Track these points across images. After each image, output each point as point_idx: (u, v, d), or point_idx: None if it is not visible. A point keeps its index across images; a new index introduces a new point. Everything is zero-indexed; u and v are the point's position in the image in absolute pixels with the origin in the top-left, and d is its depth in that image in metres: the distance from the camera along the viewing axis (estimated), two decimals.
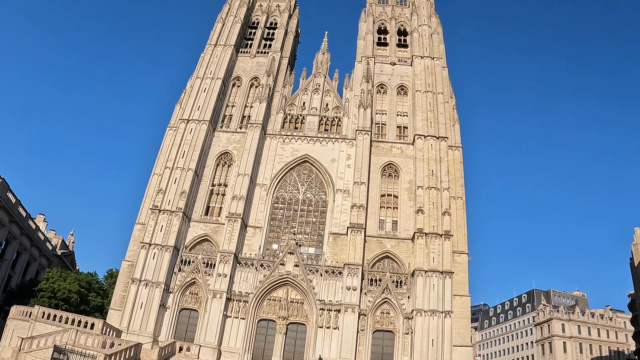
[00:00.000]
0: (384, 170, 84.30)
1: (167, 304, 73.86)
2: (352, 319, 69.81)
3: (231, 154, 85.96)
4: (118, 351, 54.20)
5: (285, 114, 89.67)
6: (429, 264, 72.85)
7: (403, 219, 79.92)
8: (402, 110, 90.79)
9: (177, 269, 75.98)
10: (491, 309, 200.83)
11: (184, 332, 73.52)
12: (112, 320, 73.21)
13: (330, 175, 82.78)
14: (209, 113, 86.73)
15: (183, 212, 77.84)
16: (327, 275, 73.56)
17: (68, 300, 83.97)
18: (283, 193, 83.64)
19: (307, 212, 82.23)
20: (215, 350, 68.58)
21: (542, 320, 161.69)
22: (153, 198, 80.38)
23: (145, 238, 76.27)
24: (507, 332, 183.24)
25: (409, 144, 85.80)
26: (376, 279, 74.33)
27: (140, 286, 72.88)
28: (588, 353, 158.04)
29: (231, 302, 72.77)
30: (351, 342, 68.53)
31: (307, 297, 72.66)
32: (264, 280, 73.40)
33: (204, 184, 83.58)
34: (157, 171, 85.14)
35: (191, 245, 79.05)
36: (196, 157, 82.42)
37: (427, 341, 68.29)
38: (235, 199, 78.24)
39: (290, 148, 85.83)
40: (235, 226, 76.11)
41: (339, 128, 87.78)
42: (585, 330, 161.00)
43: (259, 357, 71.06)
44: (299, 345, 71.76)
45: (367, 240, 76.86)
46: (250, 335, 71.81)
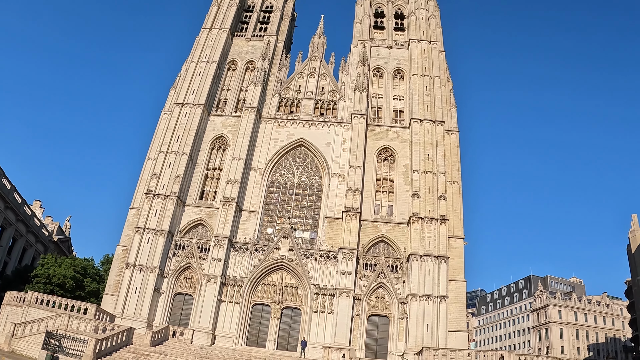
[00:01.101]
0: (380, 154, 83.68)
1: (162, 289, 73.43)
2: (347, 303, 69.41)
3: (226, 138, 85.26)
4: (110, 335, 53.97)
5: (281, 98, 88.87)
6: (424, 248, 72.38)
7: (399, 203, 79.42)
8: (398, 94, 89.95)
9: (172, 253, 75.45)
10: (488, 295, 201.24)
11: (179, 317, 73.11)
12: (107, 306, 72.88)
13: (325, 159, 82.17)
14: (204, 97, 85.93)
15: (177, 196, 77.24)
16: (322, 259, 73.08)
17: (63, 286, 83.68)
18: (278, 177, 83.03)
19: (302, 196, 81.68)
20: (209, 334, 68.21)
21: (538, 307, 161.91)
22: (147, 182, 79.69)
23: (140, 223, 75.70)
24: (504, 318, 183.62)
25: (405, 128, 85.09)
26: (371, 264, 73.86)
27: (134, 271, 72.38)
28: (584, 339, 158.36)
29: (225, 286, 72.34)
30: (346, 326, 68.14)
31: (302, 281, 72.21)
32: (258, 265, 72.90)
33: (198, 168, 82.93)
34: (152, 155, 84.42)
35: (185, 230, 78.54)
36: (191, 141, 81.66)
37: (422, 326, 67.93)
38: (230, 183, 77.60)
39: (285, 132, 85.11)
40: (229, 210, 75.53)
41: (335, 112, 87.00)
42: (582, 316, 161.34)
43: (253, 342, 70.64)
44: (293, 330, 71.36)
45: (363, 225, 76.30)
46: (244, 319, 71.42)
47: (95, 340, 50.39)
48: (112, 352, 53.15)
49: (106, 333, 54.82)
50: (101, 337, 52.14)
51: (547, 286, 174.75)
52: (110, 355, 52.27)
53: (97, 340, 50.74)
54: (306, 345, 63.75)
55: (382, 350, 70.19)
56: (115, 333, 55.11)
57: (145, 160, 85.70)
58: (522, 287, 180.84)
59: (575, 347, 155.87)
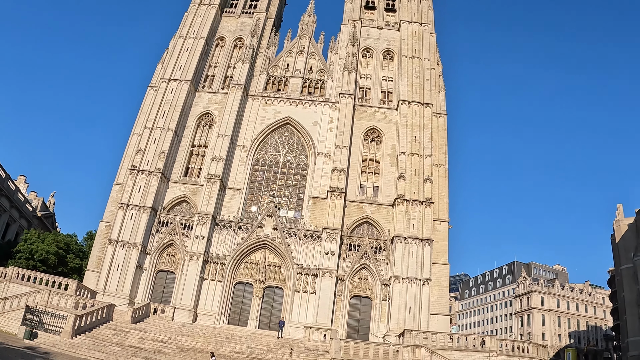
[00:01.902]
0: (367, 134, 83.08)
1: (144, 266, 73.00)
2: (330, 283, 69.22)
3: (212, 115, 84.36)
4: (90, 312, 53.71)
5: (269, 76, 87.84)
6: (408, 230, 72.11)
7: (384, 185, 79.01)
8: (387, 75, 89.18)
9: (155, 230, 74.86)
10: (472, 279, 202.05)
11: (161, 294, 72.82)
12: (89, 282, 72.54)
13: (311, 138, 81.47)
14: (191, 73, 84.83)
15: (162, 172, 76.49)
16: (305, 239, 72.70)
17: (46, 262, 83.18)
18: (263, 155, 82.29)
19: (287, 175, 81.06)
20: (191, 312, 67.88)
21: (521, 293, 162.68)
22: (132, 158, 78.89)
23: (123, 199, 74.99)
24: (487, 303, 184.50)
25: (393, 109, 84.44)
26: (355, 244, 73.59)
27: (117, 247, 71.83)
28: (566, 327, 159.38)
29: (208, 264, 71.96)
30: (328, 307, 68.01)
31: (285, 260, 71.85)
32: (241, 243, 72.47)
33: (183, 145, 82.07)
34: (137, 131, 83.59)
35: (169, 207, 77.88)
36: (176, 117, 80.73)
37: (404, 308, 67.87)
38: (215, 160, 76.91)
39: (272, 110, 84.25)
40: (214, 187, 74.91)
41: (323, 91, 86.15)
42: (564, 304, 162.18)
43: (235, 320, 70.42)
44: (275, 309, 71.18)
45: (347, 205, 75.95)
46: (226, 298, 71.19)
47: (75, 317, 50.06)
48: (92, 328, 52.91)
49: (86, 309, 54.54)
50: (80, 314, 51.89)
51: (530, 272, 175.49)
52: (89, 331, 51.98)
53: (77, 316, 50.44)
54: (284, 326, 63.23)
55: (363, 331, 70.14)
56: (95, 309, 54.80)
57: (130, 136, 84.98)
58: (505, 273, 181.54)
59: (556, 334, 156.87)
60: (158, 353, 48.98)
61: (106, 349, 47.98)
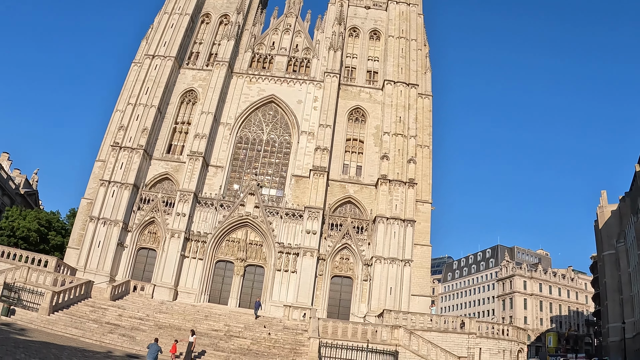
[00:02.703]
0: (351, 114, 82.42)
1: (125, 243, 72.39)
2: (311, 263, 68.99)
3: (196, 92, 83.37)
4: (67, 288, 53.41)
5: (254, 53, 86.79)
6: (391, 211, 71.84)
7: (368, 165, 78.56)
8: (373, 55, 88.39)
9: (137, 207, 74.17)
10: (455, 262, 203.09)
11: (142, 272, 72.37)
12: (70, 259, 72.20)
13: (295, 117, 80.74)
14: (175, 49, 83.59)
15: (144, 149, 75.63)
16: (287, 217, 72.28)
17: (27, 239, 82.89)
18: (247, 133, 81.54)
19: (270, 153, 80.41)
20: (171, 290, 67.51)
21: (504, 276, 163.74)
22: (114, 135, 77.83)
23: (105, 175, 74.09)
24: (470, 286, 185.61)
25: (378, 89, 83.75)
26: (337, 224, 73.23)
27: (98, 224, 71.10)
28: (548, 311, 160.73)
29: (189, 242, 71.49)
30: (309, 286, 67.84)
31: (267, 239, 71.49)
32: (223, 221, 71.97)
33: (167, 122, 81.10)
34: (120, 107, 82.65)
35: (152, 184, 77.15)
36: (160, 94, 79.64)
37: (385, 289, 67.79)
38: (198, 137, 76.15)
39: (256, 88, 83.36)
40: (196, 165, 74.24)
41: (308, 70, 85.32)
42: (547, 288, 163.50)
43: (215, 299, 70.15)
44: (256, 288, 70.94)
45: (330, 184, 75.56)
46: (207, 276, 70.83)
47: (52, 293, 49.74)
48: (70, 305, 52.58)
49: (64, 286, 54.19)
50: (58, 290, 51.67)
51: (513, 256, 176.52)
52: (67, 308, 51.68)
53: (54, 293, 50.14)
54: (260, 307, 62.48)
55: (344, 311, 70.11)
56: (72, 286, 54.50)
57: (113, 112, 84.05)
58: (489, 256, 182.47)
59: (538, 318, 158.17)
60: (135, 330, 48.66)
61: (83, 326, 47.66)
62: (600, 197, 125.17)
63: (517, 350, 60.93)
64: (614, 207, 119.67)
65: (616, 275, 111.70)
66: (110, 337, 45.91)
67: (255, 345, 48.78)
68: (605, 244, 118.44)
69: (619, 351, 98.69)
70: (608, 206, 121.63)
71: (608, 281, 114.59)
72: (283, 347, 48.99)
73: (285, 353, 47.51)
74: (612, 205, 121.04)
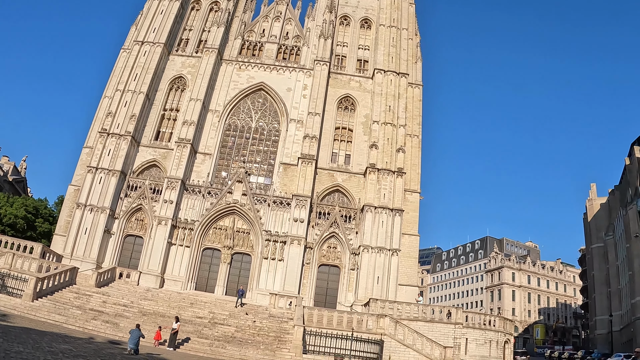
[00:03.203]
0: (341, 102, 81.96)
1: (112, 230, 71.94)
2: (298, 251, 68.80)
3: (185, 79, 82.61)
4: (52, 275, 52.88)
5: (244, 40, 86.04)
6: (379, 200, 71.63)
7: (356, 154, 78.18)
8: (364, 44, 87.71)
9: (124, 194, 73.67)
10: (444, 253, 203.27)
11: (129, 259, 72.01)
12: (57, 246, 71.81)
13: (285, 105, 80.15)
14: (165, 36, 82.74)
15: (132, 136, 75.00)
16: (275, 205, 71.98)
17: (14, 226, 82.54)
18: (236, 120, 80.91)
19: (258, 141, 79.82)
20: (158, 277, 67.22)
21: (493, 268, 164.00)
22: (102, 121, 77.21)
23: (92, 162, 73.58)
24: (459, 277, 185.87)
25: (369, 78, 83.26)
26: (325, 212, 72.95)
27: (85, 211, 70.62)
28: (536, 303, 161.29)
29: (176, 229, 71.10)
30: (295, 274, 67.71)
31: (254, 227, 71.14)
32: (210, 208, 71.59)
33: (155, 109, 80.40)
34: (108, 94, 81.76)
35: (139, 171, 76.56)
36: (148, 80, 78.89)
37: (372, 278, 67.77)
38: (186, 124, 75.57)
39: (246, 75, 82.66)
40: (184, 152, 73.73)
41: (298, 57, 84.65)
42: (535, 280, 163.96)
43: (202, 286, 69.88)
44: (243, 276, 70.66)
45: (318, 173, 75.26)
46: (194, 263, 70.58)
47: (36, 279, 49.28)
48: (54, 291, 52.11)
49: (49, 272, 53.69)
50: (42, 276, 51.16)
51: (502, 248, 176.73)
52: (51, 294, 51.17)
53: (38, 279, 49.65)
54: (243, 295, 61.83)
55: (331, 300, 69.97)
56: (57, 272, 54.01)
57: (102, 99, 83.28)
58: (478, 247, 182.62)
59: (526, 310, 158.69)
60: (119, 317, 48.25)
61: (66, 312, 47.24)
62: (590, 189, 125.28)
63: (504, 341, 60.88)
64: (603, 200, 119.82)
65: (604, 268, 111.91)
66: (93, 323, 45.52)
67: (240, 333, 48.48)
68: (594, 237, 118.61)
69: (606, 344, 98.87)
70: (597, 199, 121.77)
71: (596, 274, 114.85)
72: (267, 335, 48.70)
73: (270, 340, 47.22)
74: (601, 198, 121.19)
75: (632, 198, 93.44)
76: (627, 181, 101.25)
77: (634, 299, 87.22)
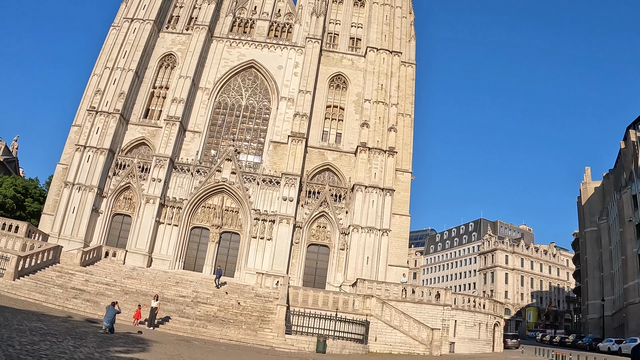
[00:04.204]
0: (332, 81, 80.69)
1: (100, 209, 71.07)
2: (287, 230, 67.99)
3: (175, 56, 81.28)
4: (34, 253, 52.10)
5: (235, 18, 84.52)
6: (370, 179, 70.72)
7: (348, 132, 77.09)
8: (357, 22, 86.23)
9: (112, 172, 72.69)
10: (438, 235, 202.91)
11: (117, 238, 71.29)
12: (44, 226, 71.21)
13: (275, 82, 78.84)
14: (155, 12, 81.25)
15: (121, 114, 73.89)
16: (264, 184, 71.07)
17: (3, 206, 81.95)
18: (226, 98, 79.60)
19: (249, 119, 78.58)
20: (145, 256, 66.51)
21: (486, 250, 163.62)
22: (91, 99, 76.15)
23: (81, 140, 72.58)
24: (452, 259, 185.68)
25: (361, 56, 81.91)
26: (315, 191, 72.04)
27: (73, 190, 69.79)
28: (529, 286, 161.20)
29: (165, 208, 70.27)
30: (284, 254, 66.96)
31: (243, 205, 70.28)
32: (199, 187, 70.65)
33: (144, 86, 79.12)
34: (97, 72, 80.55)
35: (128, 149, 75.52)
36: (138, 58, 77.60)
37: (362, 258, 67.02)
38: (175, 101, 74.44)
39: (236, 52, 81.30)
40: (173, 130, 72.63)
41: (290, 35, 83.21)
42: (528, 263, 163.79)
43: (190, 266, 69.22)
44: (231, 255, 70.03)
45: (309, 151, 74.21)
46: (182, 242, 69.85)
47: (17, 257, 48.52)
48: (37, 270, 51.32)
49: (32, 250, 52.94)
50: (24, 255, 50.34)
51: (496, 231, 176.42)
52: (34, 273, 50.40)
53: (19, 257, 48.90)
54: (221, 274, 60.14)
55: (320, 280, 69.34)
56: (39, 251, 53.20)
57: (91, 77, 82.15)
58: (471, 230, 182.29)
59: (519, 293, 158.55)
60: (100, 295, 47.43)
61: (47, 291, 46.47)
62: (584, 173, 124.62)
63: (494, 324, 60.40)
64: (598, 184, 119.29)
65: (597, 253, 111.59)
66: (73, 302, 44.69)
67: (222, 312, 47.67)
68: (587, 221, 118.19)
69: (598, 328, 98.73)
70: (592, 183, 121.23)
71: (589, 258, 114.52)
72: (251, 315, 47.90)
73: (253, 320, 46.39)
74: (595, 182, 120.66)
75: (626, 182, 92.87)
76: (621, 165, 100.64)
77: (627, 284, 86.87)
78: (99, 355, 22.66)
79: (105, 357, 22.48)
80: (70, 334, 28.48)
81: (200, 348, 33.82)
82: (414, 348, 48.75)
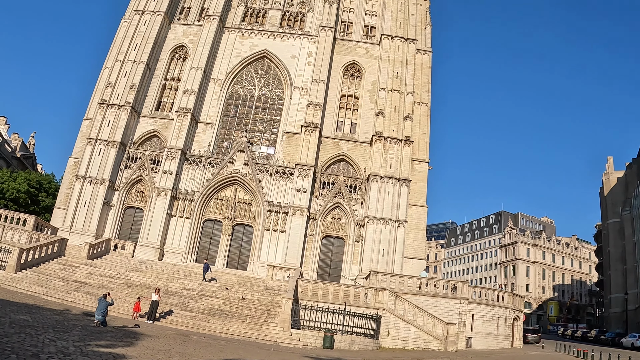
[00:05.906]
0: (347, 70, 78.93)
1: (112, 202, 70.43)
2: (301, 222, 66.60)
3: (187, 48, 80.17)
4: (38, 246, 51.60)
5: (247, 7, 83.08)
6: (385, 169, 69.05)
7: (362, 122, 75.36)
8: (371, 10, 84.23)
9: (124, 165, 71.98)
10: (458, 227, 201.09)
11: (129, 231, 70.60)
12: (56, 219, 70.97)
13: (288, 72, 77.26)
14: (165, 4, 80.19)
15: (132, 106, 73.01)
16: (277, 175, 69.68)
17: (17, 201, 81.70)
18: (238, 89, 78.25)
19: (261, 110, 77.13)
20: (157, 249, 65.64)
21: (507, 243, 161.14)
22: (102, 92, 75.47)
23: (92, 134, 71.88)
24: (473, 252, 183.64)
25: (375, 44, 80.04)
26: (329, 182, 70.51)
27: (84, 183, 69.17)
28: (551, 280, 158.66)
29: (176, 200, 69.31)
30: (298, 246, 65.61)
31: (256, 197, 69.02)
32: (211, 179, 69.58)
33: (156, 78, 78.21)
34: (109, 65, 79.93)
35: (139, 142, 74.60)
36: (149, 50, 76.67)
37: (377, 250, 65.49)
38: (187, 93, 73.32)
39: (249, 42, 79.88)
40: (184, 121, 71.54)
41: (303, 24, 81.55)
42: (550, 256, 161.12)
43: (202, 259, 67.59)
44: (244, 248, 68.94)
45: (323, 142, 72.63)
46: (194, 235, 68.90)
47: (19, 250, 47.84)
48: (40, 263, 50.71)
49: (37, 243, 52.26)
50: (27, 247, 49.76)
51: (517, 223, 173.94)
52: (37, 266, 49.84)
53: (21, 250, 48.25)
54: (208, 269, 57.81)
55: (335, 273, 67.86)
56: (43, 244, 52.67)
57: (102, 70, 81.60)
58: (492, 222, 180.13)
59: (540, 286, 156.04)
60: (102, 288, 46.30)
61: (48, 284, 45.70)
62: (607, 163, 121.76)
63: (513, 318, 58.61)
64: (620, 174, 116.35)
65: (620, 245, 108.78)
66: (74, 295, 43.81)
67: (227, 306, 46.46)
68: (610, 212, 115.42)
69: (621, 323, 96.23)
70: (614, 173, 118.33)
71: (612, 250, 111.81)
72: (257, 308, 46.62)
73: (258, 314, 45.09)
74: (618, 172, 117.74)
75: None
76: None
77: None
78: (73, 349, 21.46)
79: (80, 351, 21.20)
80: (56, 327, 27.27)
81: (196, 343, 32.58)
82: (428, 343, 47.12)
